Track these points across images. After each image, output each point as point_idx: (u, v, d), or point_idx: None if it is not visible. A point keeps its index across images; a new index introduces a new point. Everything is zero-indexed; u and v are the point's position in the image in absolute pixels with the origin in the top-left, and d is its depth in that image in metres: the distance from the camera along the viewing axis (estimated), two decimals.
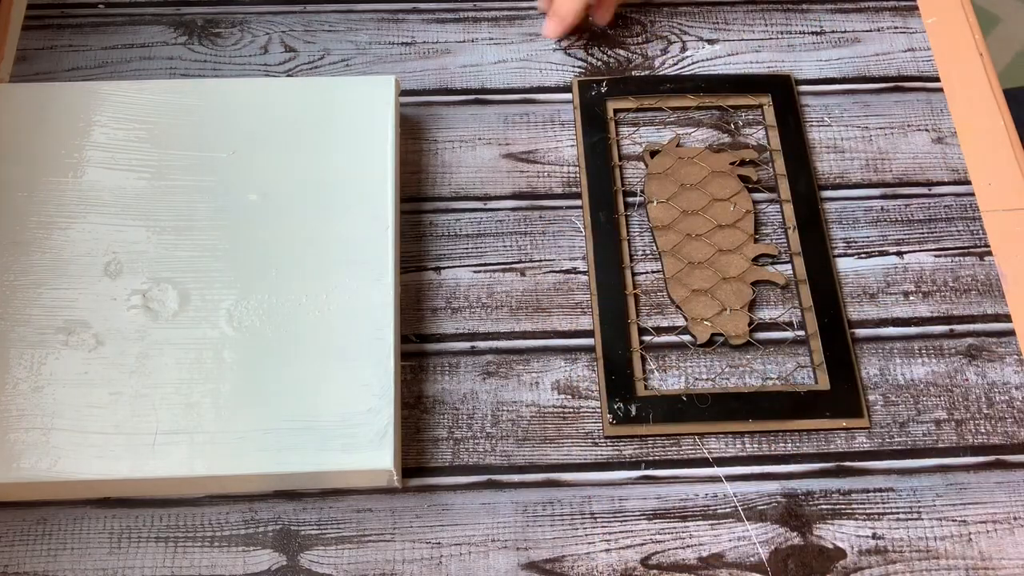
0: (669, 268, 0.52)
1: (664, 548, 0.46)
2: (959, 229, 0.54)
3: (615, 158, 0.55)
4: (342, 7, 0.60)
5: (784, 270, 0.53)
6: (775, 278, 0.52)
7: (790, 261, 0.53)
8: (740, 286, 0.52)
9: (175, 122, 0.51)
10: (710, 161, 0.55)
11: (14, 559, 0.45)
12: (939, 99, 0.58)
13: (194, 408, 0.44)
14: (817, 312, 0.51)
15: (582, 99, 0.57)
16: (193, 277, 0.48)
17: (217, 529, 0.46)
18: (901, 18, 0.61)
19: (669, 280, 0.52)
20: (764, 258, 0.53)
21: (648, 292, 0.52)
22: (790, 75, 0.58)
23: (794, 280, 0.52)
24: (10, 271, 0.47)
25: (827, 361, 0.50)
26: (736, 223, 0.53)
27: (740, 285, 0.52)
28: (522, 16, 0.61)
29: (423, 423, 0.48)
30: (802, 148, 0.56)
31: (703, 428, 0.48)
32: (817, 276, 0.52)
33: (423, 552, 0.45)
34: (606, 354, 0.50)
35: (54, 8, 0.59)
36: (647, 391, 0.49)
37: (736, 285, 0.52)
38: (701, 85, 0.58)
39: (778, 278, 0.52)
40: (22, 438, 0.44)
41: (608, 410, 0.48)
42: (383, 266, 0.48)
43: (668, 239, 0.53)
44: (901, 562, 0.45)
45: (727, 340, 0.51)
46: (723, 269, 0.52)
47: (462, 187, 0.55)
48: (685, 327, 0.51)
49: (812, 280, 0.52)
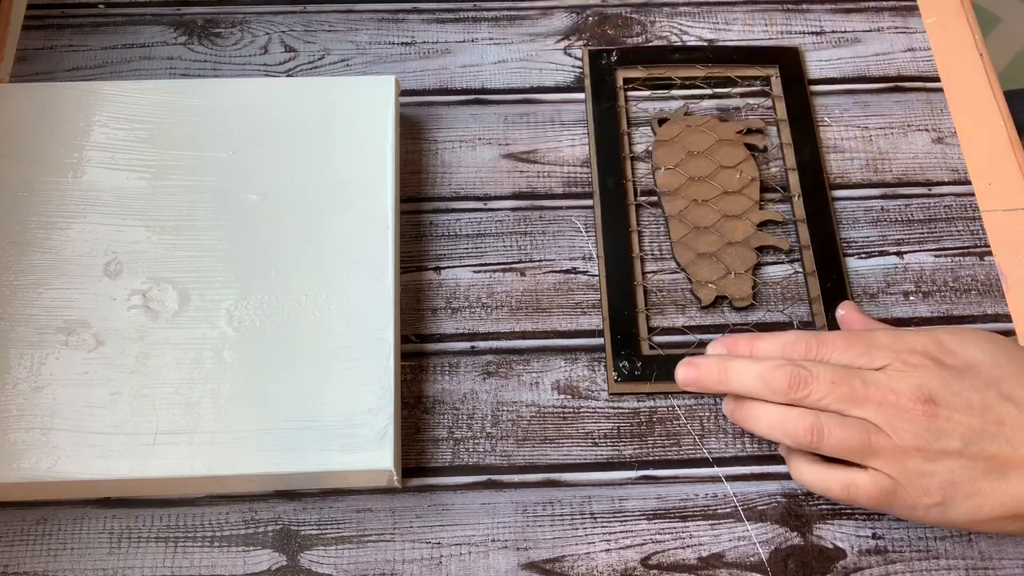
0: (675, 232, 0.53)
1: (664, 548, 0.46)
2: (959, 229, 0.54)
3: (624, 125, 0.56)
4: (342, 7, 0.60)
5: (788, 248, 0.53)
6: (779, 243, 0.53)
7: (794, 227, 0.54)
8: (744, 250, 0.53)
9: (175, 122, 0.51)
10: (717, 129, 0.56)
11: (14, 559, 0.45)
12: (939, 99, 0.58)
13: (194, 408, 0.44)
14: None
15: (592, 67, 0.58)
16: (193, 277, 0.48)
17: (217, 529, 0.46)
18: (901, 18, 0.61)
19: (675, 244, 0.53)
20: (769, 225, 0.54)
21: (655, 259, 0.53)
22: (798, 47, 0.59)
23: (798, 245, 0.54)
24: (10, 271, 0.47)
25: None
26: (742, 190, 0.54)
27: (744, 250, 0.53)
28: (522, 16, 0.61)
29: (423, 423, 0.48)
30: (808, 119, 0.57)
31: None
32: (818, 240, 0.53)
33: (423, 552, 0.45)
34: (612, 313, 0.51)
35: (54, 8, 0.59)
36: (651, 350, 0.50)
37: (741, 249, 0.53)
38: (710, 56, 0.59)
39: (782, 243, 0.53)
40: (22, 438, 0.44)
41: (613, 367, 0.49)
42: (383, 266, 0.48)
43: (675, 204, 0.54)
44: (901, 562, 0.45)
45: (731, 302, 0.52)
46: (729, 234, 0.53)
47: (462, 187, 0.55)
48: (690, 288, 0.52)
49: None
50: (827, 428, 0.41)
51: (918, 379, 0.40)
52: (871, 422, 0.41)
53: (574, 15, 0.61)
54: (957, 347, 0.42)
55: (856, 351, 0.42)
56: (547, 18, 0.61)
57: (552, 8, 0.61)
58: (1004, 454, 0.40)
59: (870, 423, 0.41)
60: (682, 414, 0.49)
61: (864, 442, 0.40)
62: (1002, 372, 0.41)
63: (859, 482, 0.41)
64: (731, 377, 0.43)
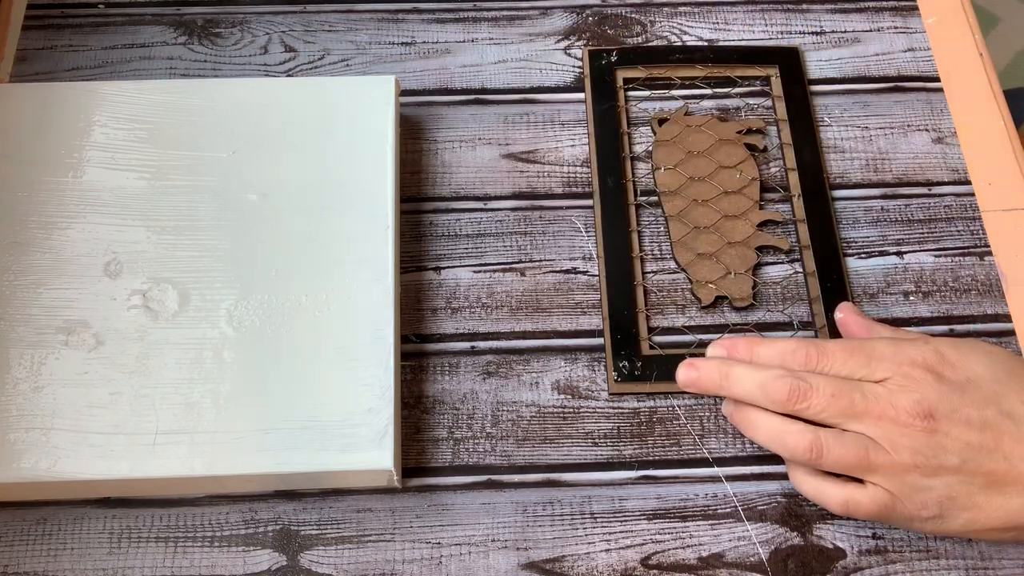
0: (675, 232, 0.53)
1: (664, 548, 0.46)
2: (959, 229, 0.54)
3: (623, 125, 0.57)
4: (342, 7, 0.60)
5: (789, 253, 0.53)
6: (779, 243, 0.53)
7: (794, 226, 0.54)
8: (744, 251, 0.53)
9: (175, 122, 0.51)
10: (717, 129, 0.56)
11: (14, 559, 0.45)
12: (939, 99, 0.58)
13: (194, 408, 0.44)
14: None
15: (592, 67, 0.58)
16: (193, 277, 0.48)
17: (217, 529, 0.46)
18: (901, 18, 0.61)
19: (675, 244, 0.53)
20: (769, 225, 0.54)
21: (655, 259, 0.53)
22: (798, 47, 0.59)
23: (798, 245, 0.53)
24: (10, 271, 0.47)
25: None
26: (742, 190, 0.54)
27: (744, 250, 0.53)
28: (522, 16, 0.61)
29: (423, 423, 0.48)
30: (808, 119, 0.57)
31: None
32: (820, 245, 0.53)
33: (423, 552, 0.45)
34: (612, 313, 0.51)
35: (54, 8, 0.59)
36: (651, 351, 0.50)
37: (740, 249, 0.53)
38: (710, 56, 0.59)
39: (782, 243, 0.53)
40: (22, 438, 0.44)
41: (613, 368, 0.49)
42: (383, 266, 0.48)
43: (675, 204, 0.54)
44: (901, 562, 0.45)
45: (731, 302, 0.52)
46: (728, 234, 0.53)
47: (462, 187, 0.55)
48: (690, 288, 0.52)
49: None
50: (826, 446, 0.41)
51: (918, 394, 0.40)
52: (870, 437, 0.41)
53: (574, 15, 0.61)
54: (958, 360, 0.42)
55: (857, 362, 0.42)
56: (547, 18, 0.61)
57: (552, 8, 0.61)
58: (1002, 470, 0.40)
59: (869, 439, 0.41)
60: (682, 414, 0.49)
61: (863, 459, 0.41)
62: (1002, 388, 0.41)
63: (858, 498, 0.42)
64: (732, 383, 0.43)
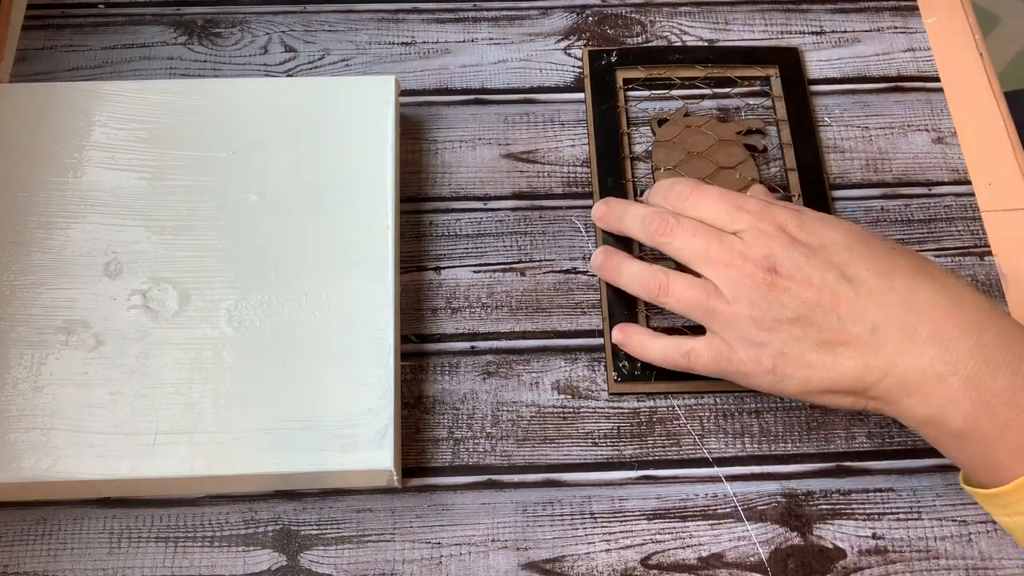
0: None
1: (664, 548, 0.46)
2: (959, 229, 0.54)
3: (623, 125, 0.56)
4: (342, 7, 0.60)
5: None
6: None
7: None
8: None
9: (175, 122, 0.51)
10: (717, 130, 0.56)
11: (14, 559, 0.45)
12: (939, 99, 0.58)
13: (194, 408, 0.44)
14: None
15: (592, 68, 0.58)
16: (193, 277, 0.48)
17: (217, 529, 0.46)
18: (901, 18, 0.61)
19: None
20: None
21: (655, 259, 0.52)
22: (798, 47, 0.59)
23: None
24: (10, 271, 0.47)
25: None
26: (741, 191, 0.54)
27: None
28: (522, 16, 0.61)
29: (423, 423, 0.48)
30: (808, 120, 0.57)
31: (703, 387, 0.49)
32: None
33: (423, 552, 0.45)
34: (612, 313, 0.50)
35: (54, 8, 0.59)
36: None
37: None
38: (710, 56, 0.59)
39: None
40: (22, 438, 0.44)
41: (613, 367, 0.49)
42: (383, 266, 0.48)
43: None
44: (901, 562, 0.45)
45: None
46: None
47: (462, 187, 0.55)
48: None
49: None
50: (672, 284, 0.45)
51: (766, 248, 0.42)
52: (715, 284, 0.43)
53: (574, 15, 0.61)
54: (817, 227, 0.43)
55: (723, 207, 0.45)
56: (547, 18, 0.61)
57: (552, 8, 0.61)
58: (834, 329, 0.41)
59: (714, 285, 0.43)
60: (682, 414, 0.49)
61: (703, 302, 0.43)
62: (851, 256, 0.42)
63: (697, 348, 0.45)
64: (625, 219, 0.48)
